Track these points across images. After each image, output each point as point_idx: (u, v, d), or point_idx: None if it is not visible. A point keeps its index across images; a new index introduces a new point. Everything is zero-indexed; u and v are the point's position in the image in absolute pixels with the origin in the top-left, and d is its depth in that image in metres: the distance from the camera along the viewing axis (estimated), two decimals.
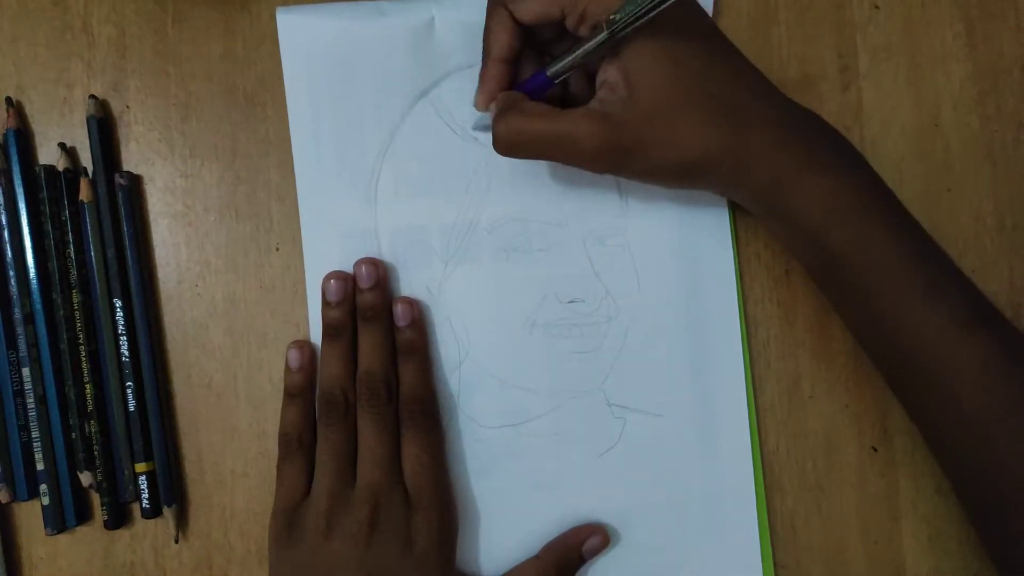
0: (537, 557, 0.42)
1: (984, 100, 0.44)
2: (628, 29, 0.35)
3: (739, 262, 0.43)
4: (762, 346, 0.44)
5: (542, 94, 0.39)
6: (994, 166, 0.44)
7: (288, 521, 0.40)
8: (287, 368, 0.42)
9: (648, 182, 0.40)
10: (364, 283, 0.42)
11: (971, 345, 0.35)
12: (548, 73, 0.39)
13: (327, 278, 0.42)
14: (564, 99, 0.42)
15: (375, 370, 0.41)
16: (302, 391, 0.42)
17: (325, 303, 0.42)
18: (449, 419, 0.43)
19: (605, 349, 0.43)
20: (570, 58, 0.38)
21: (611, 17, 0.35)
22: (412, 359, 0.42)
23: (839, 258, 0.37)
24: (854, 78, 0.45)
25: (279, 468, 0.41)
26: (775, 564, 0.42)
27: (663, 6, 0.34)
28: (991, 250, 0.44)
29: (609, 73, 0.37)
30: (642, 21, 0.35)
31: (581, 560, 0.42)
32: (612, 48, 0.37)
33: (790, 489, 0.43)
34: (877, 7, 0.45)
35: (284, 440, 0.41)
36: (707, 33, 0.38)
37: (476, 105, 0.40)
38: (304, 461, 0.41)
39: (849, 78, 0.45)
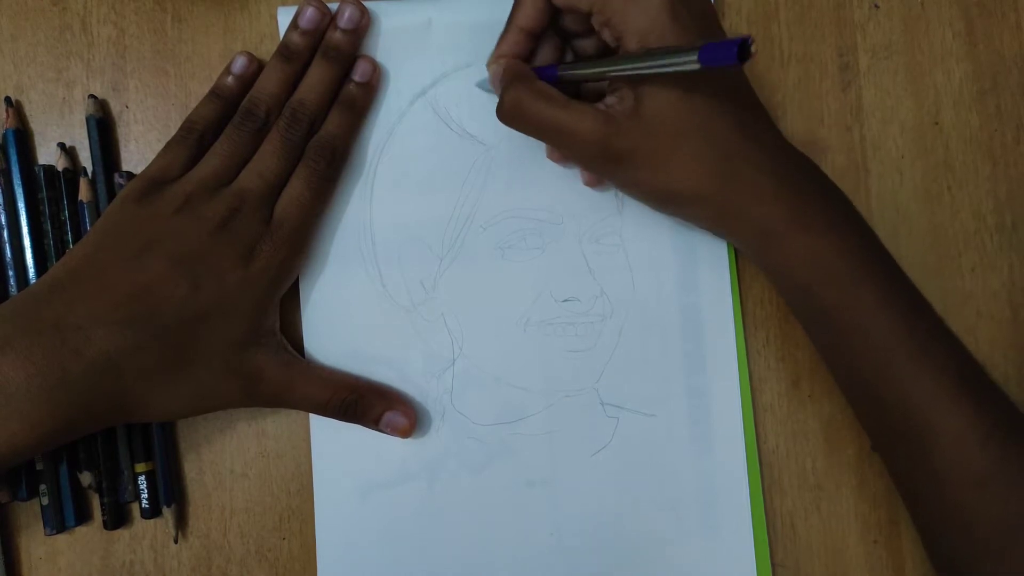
0: (334, 381, 0.41)
1: (984, 99, 0.44)
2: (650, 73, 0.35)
3: (737, 262, 0.43)
4: (762, 345, 0.44)
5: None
6: (994, 165, 0.44)
7: (147, 188, 0.39)
8: (225, 70, 0.42)
9: (635, 196, 0.40)
10: (342, 23, 0.41)
11: (952, 413, 0.35)
12: (559, 74, 0.39)
13: (307, 4, 0.41)
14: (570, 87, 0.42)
15: (308, 102, 0.41)
16: (228, 98, 0.41)
17: (293, 26, 0.41)
18: (442, 416, 0.43)
19: (599, 348, 0.43)
20: (585, 72, 0.38)
21: (633, 71, 0.35)
22: (348, 112, 0.42)
23: (825, 316, 0.37)
24: (854, 77, 0.44)
25: (167, 144, 0.41)
26: (773, 564, 0.42)
27: (687, 68, 0.33)
28: (991, 249, 0.44)
29: (620, 83, 0.37)
30: (664, 72, 0.34)
31: (373, 424, 0.41)
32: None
33: (789, 489, 0.43)
34: (877, 6, 0.45)
35: (187, 125, 0.41)
36: (725, 72, 0.38)
37: (487, 63, 0.40)
38: (194, 152, 0.40)
39: (849, 77, 0.44)
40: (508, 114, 0.38)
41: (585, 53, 0.41)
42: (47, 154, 0.44)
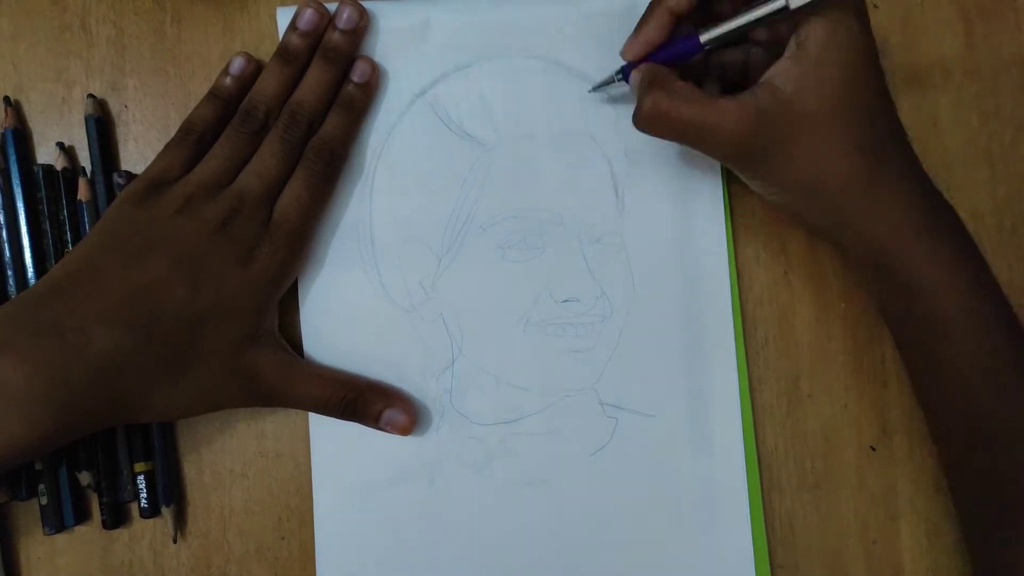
0: (333, 379, 0.41)
1: (983, 100, 0.44)
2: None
3: (737, 263, 0.43)
4: (761, 346, 0.44)
5: (687, 59, 0.38)
6: (993, 166, 0.44)
7: (147, 190, 0.39)
8: (224, 71, 0.42)
9: (767, 189, 0.39)
10: (341, 23, 0.41)
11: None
12: (702, 39, 0.37)
13: (305, 6, 0.41)
14: (699, 70, 0.41)
15: (307, 103, 0.41)
16: (227, 99, 0.41)
17: (292, 27, 0.41)
18: (442, 416, 0.43)
19: (599, 348, 0.43)
20: (734, 24, 0.36)
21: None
22: (346, 113, 0.42)
23: (936, 326, 0.37)
24: None
25: (166, 145, 0.41)
26: (773, 564, 0.42)
27: None
28: (990, 250, 0.43)
29: (779, 68, 0.36)
30: None
31: (373, 422, 0.41)
32: (785, 31, 0.36)
33: (788, 489, 0.43)
34: (876, 6, 0.45)
35: (186, 126, 0.41)
36: (874, 59, 0.37)
37: (623, 53, 0.39)
38: (194, 153, 0.40)
39: None
40: (647, 121, 0.38)
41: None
42: (46, 154, 0.44)
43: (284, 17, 0.43)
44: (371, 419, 0.41)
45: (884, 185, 0.37)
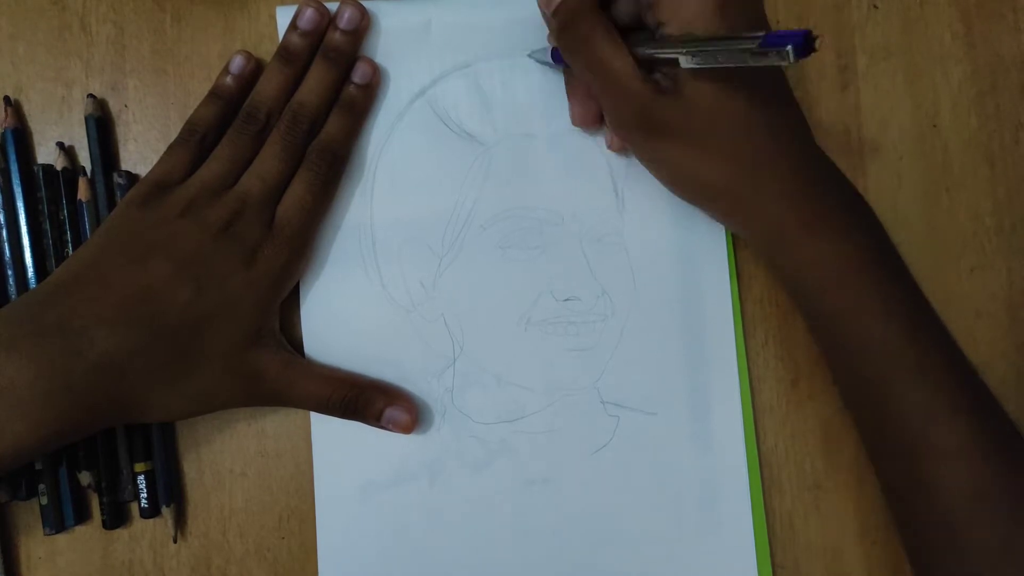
0: (334, 378, 0.41)
1: (983, 100, 0.44)
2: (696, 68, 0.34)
3: (737, 262, 0.44)
4: (761, 345, 0.44)
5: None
6: (993, 166, 0.44)
7: (151, 192, 0.39)
8: (224, 70, 0.42)
9: (656, 174, 0.40)
10: (342, 23, 0.42)
11: (950, 428, 0.35)
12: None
13: (305, 5, 0.41)
14: None
15: (309, 104, 0.41)
16: (228, 98, 0.42)
17: (292, 27, 0.42)
18: (443, 415, 0.43)
19: (600, 347, 0.43)
20: (637, 53, 0.36)
21: (686, 62, 0.34)
22: (348, 114, 0.42)
23: (831, 321, 0.37)
24: (853, 78, 0.45)
25: (169, 147, 0.41)
26: (773, 564, 0.42)
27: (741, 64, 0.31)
28: (990, 250, 0.44)
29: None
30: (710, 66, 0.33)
31: (375, 420, 0.41)
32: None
33: (789, 489, 0.43)
34: (876, 7, 0.45)
35: (188, 127, 0.41)
36: (767, 70, 0.37)
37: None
38: (196, 155, 0.40)
39: (848, 78, 0.45)
40: (563, 20, 0.37)
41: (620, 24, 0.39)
42: (46, 153, 0.44)
43: (284, 17, 0.43)
44: (373, 418, 0.41)
45: (760, 190, 0.37)
